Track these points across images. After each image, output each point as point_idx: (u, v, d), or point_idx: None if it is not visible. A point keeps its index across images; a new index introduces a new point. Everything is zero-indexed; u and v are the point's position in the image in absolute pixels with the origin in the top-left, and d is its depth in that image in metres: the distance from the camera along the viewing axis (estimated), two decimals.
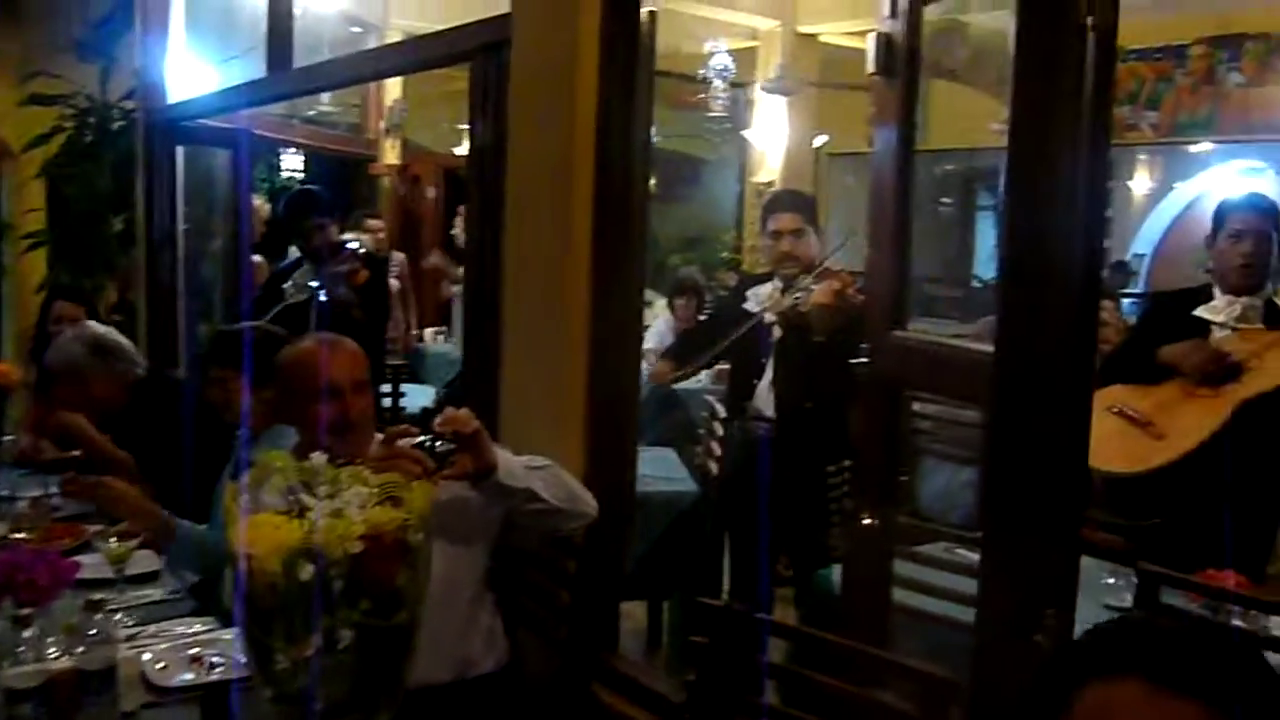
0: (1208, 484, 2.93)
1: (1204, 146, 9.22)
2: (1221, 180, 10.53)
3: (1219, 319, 3.17)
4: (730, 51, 7.63)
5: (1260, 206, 3.23)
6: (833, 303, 3.31)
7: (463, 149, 10.42)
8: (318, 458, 1.41)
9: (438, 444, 1.89)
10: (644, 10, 2.41)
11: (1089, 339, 1.67)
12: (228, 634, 2.07)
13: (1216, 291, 3.22)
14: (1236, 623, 2.53)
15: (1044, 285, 1.58)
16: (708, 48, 7.37)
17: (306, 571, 1.28)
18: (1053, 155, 1.56)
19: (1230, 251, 3.16)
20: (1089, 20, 1.54)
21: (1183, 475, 2.95)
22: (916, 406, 4.18)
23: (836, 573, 2.95)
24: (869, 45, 2.07)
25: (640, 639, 3.94)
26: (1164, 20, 8.01)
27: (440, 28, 3.52)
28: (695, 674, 2.09)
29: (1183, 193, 10.92)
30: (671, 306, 6.33)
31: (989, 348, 1.74)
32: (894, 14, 2.02)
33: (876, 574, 2.42)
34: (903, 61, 2.05)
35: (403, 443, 1.90)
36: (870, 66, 2.08)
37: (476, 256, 2.90)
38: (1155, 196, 10.99)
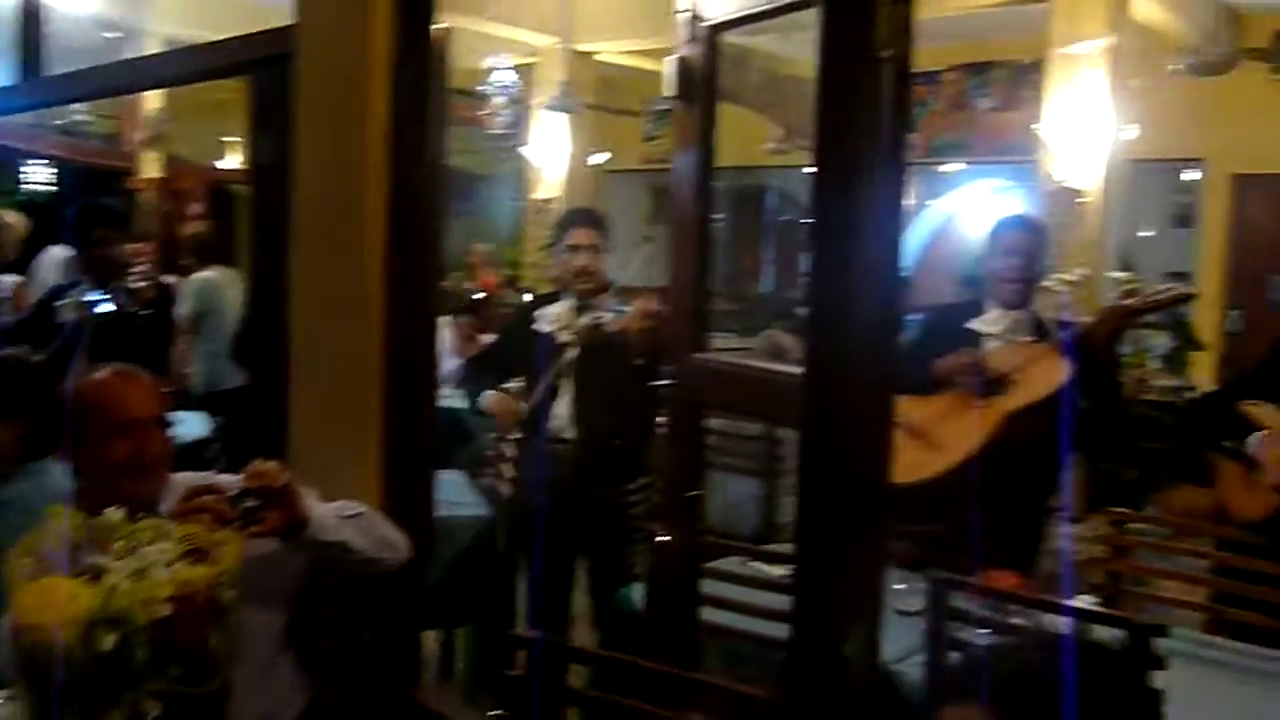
0: (981, 490, 3.09)
1: (956, 167, 9.79)
2: (973, 199, 11.23)
3: (991, 331, 3.36)
4: (511, 67, 7.61)
5: (1029, 226, 3.46)
6: (647, 323, 3.30)
7: (228, 162, 10.05)
8: (111, 513, 1.28)
9: (245, 501, 1.73)
10: (437, 27, 2.35)
11: (887, 354, 1.72)
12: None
13: (989, 306, 3.42)
14: (1017, 621, 2.67)
15: (849, 306, 1.62)
16: (489, 63, 7.32)
17: (108, 641, 1.16)
18: (855, 182, 1.61)
19: (1003, 267, 3.36)
20: (886, 52, 1.59)
21: (959, 482, 3.09)
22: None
23: (637, 592, 2.97)
24: (666, 70, 2.08)
25: (432, 670, 3.85)
26: (920, 48, 8.44)
27: (204, 36, 3.36)
28: (497, 705, 2.05)
29: (938, 211, 11.57)
30: (453, 325, 6.25)
31: (793, 369, 1.77)
32: (693, 40, 2.05)
33: (679, 592, 2.43)
34: (701, 87, 2.07)
35: (206, 499, 1.73)
36: (668, 91, 2.09)
37: (259, 277, 2.77)
38: (912, 214, 11.60)
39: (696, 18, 2.06)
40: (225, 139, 9.91)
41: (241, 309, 5.14)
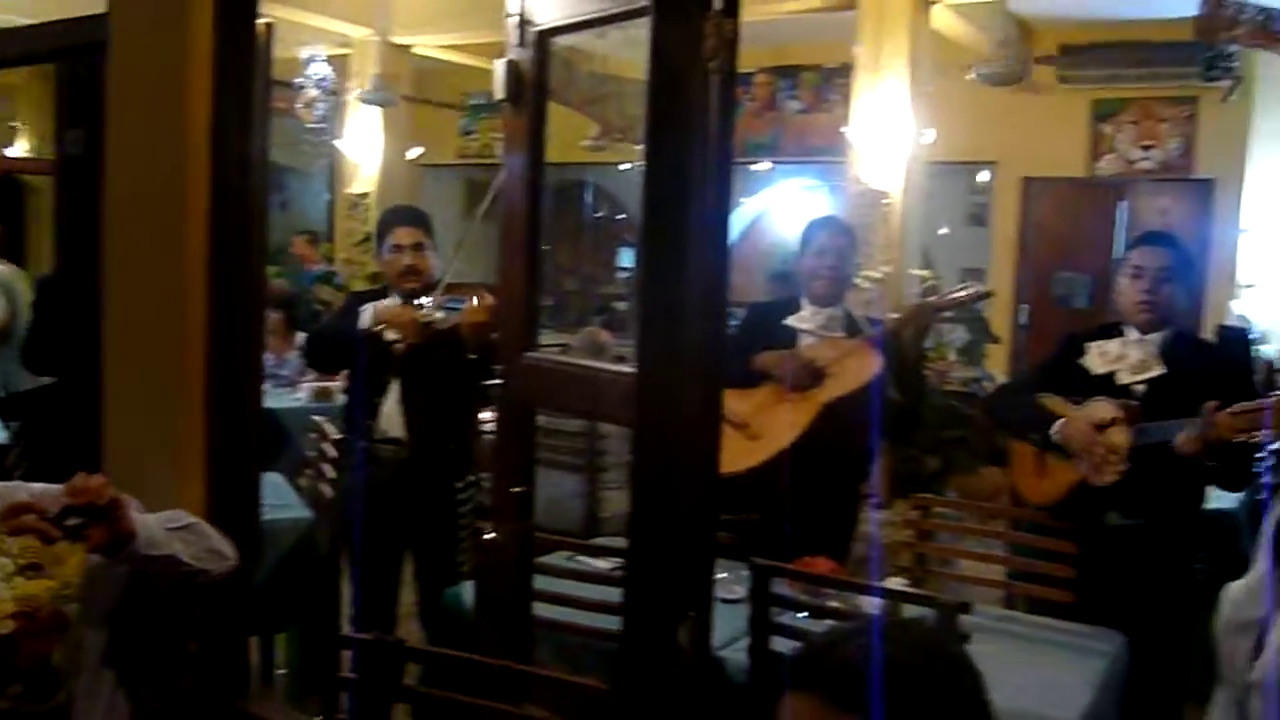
0: (798, 478, 3.23)
1: (766, 166, 10.08)
2: (782, 197, 11.58)
3: (807, 327, 3.51)
4: (326, 58, 7.45)
5: (841, 228, 3.63)
6: (485, 319, 3.28)
7: (16, 150, 9.48)
8: None
9: (68, 518, 1.64)
10: (259, 21, 2.31)
11: (716, 351, 1.78)
12: None
13: (804, 303, 3.56)
14: (833, 604, 2.81)
15: (680, 307, 1.68)
16: (303, 54, 7.15)
17: None
18: (684, 187, 1.67)
19: (816, 266, 3.51)
20: (712, 65, 1.66)
21: (777, 472, 3.23)
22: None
23: (466, 590, 2.98)
24: (496, 73, 2.11)
25: (254, 675, 3.76)
26: None
27: (11, 21, 3.20)
28: (323, 708, 2.04)
29: (749, 208, 11.89)
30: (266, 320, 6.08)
31: (618, 367, 1.82)
32: (523, 44, 2.07)
33: (509, 588, 2.46)
34: (530, 89, 2.10)
35: (28, 519, 1.63)
36: (498, 93, 2.11)
37: (67, 274, 2.66)
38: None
39: (526, 22, 2.08)
40: (13, 125, 9.37)
41: (31, 309, 4.85)
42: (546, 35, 2.08)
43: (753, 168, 10.30)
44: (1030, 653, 2.80)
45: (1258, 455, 2.86)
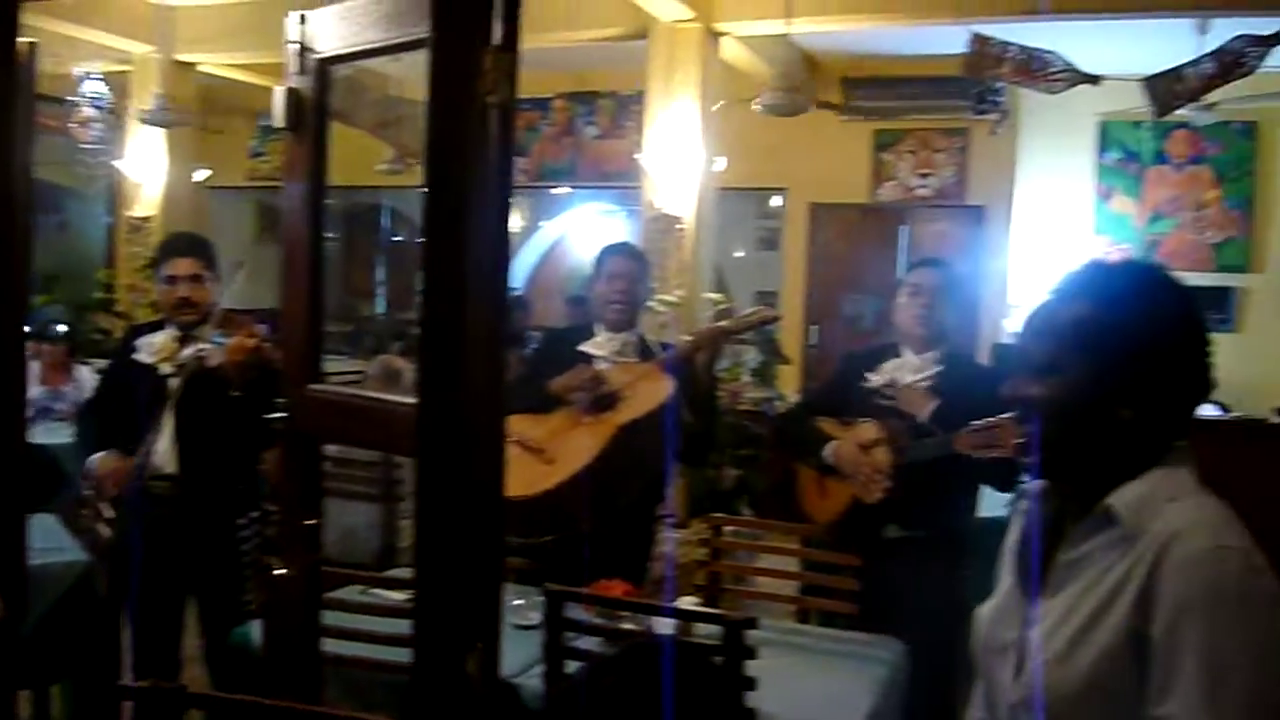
0: (594, 502, 3.27)
1: (565, 190, 10.17)
2: (581, 220, 11.70)
3: (601, 353, 3.55)
4: (103, 76, 7.11)
5: (634, 253, 3.69)
6: (245, 359, 3.20)
7: None
8: None
9: None
10: (21, 40, 2.20)
11: (498, 379, 1.79)
12: None
13: (599, 328, 3.61)
14: (627, 626, 2.85)
15: (460, 336, 1.68)
16: (77, 72, 6.81)
17: None
18: (462, 217, 1.68)
19: (608, 292, 3.56)
20: (491, 98, 1.68)
21: (573, 496, 3.24)
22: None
23: (255, 629, 2.89)
24: (275, 101, 2.06)
25: None
26: (530, 75, 8.72)
27: None
28: None
29: (549, 232, 11.96)
30: (37, 353, 5.76)
31: (408, 399, 1.81)
32: (303, 71, 2.04)
33: (299, 625, 2.40)
34: (311, 117, 2.07)
35: None
36: (278, 121, 2.07)
37: None
38: (525, 235, 11.92)
39: (306, 49, 2.05)
40: None
41: None
42: (327, 63, 2.06)
43: (552, 192, 10.38)
44: (817, 664, 2.91)
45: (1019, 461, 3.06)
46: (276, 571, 2.39)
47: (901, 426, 3.27)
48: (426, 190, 1.68)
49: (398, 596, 2.91)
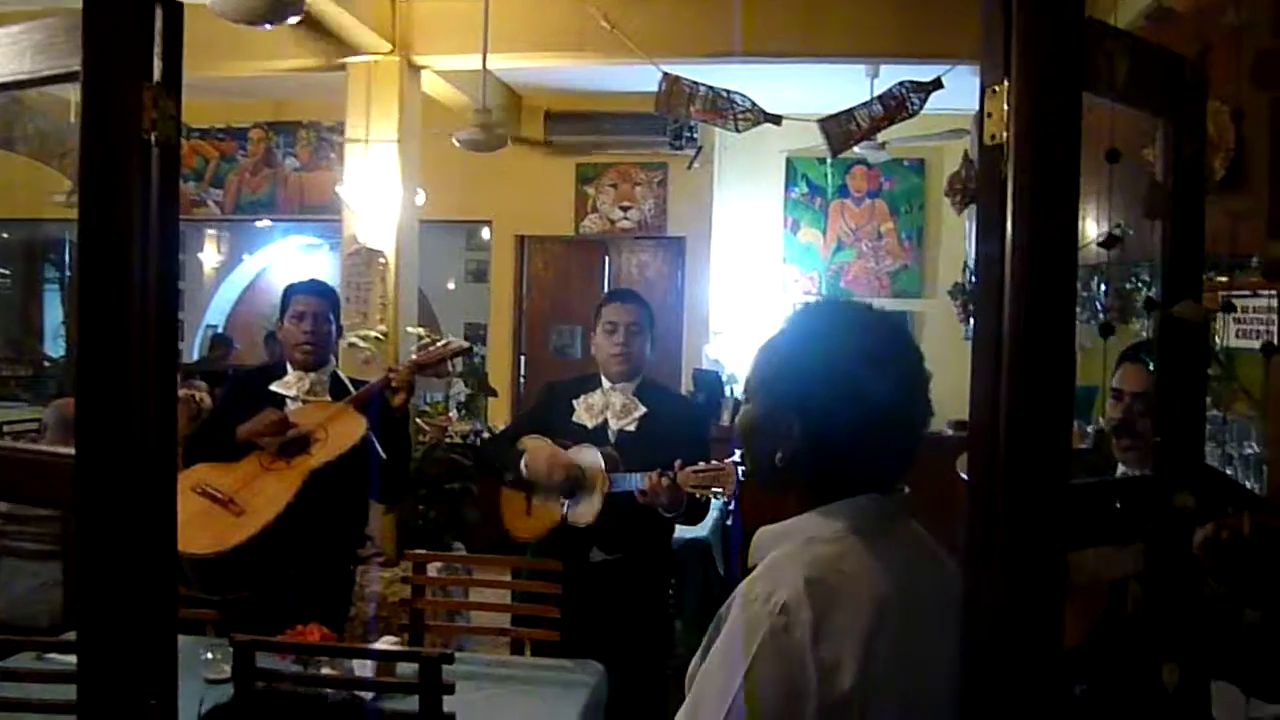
0: (290, 548, 3.17)
1: (267, 223, 9.83)
2: (284, 254, 11.36)
3: (291, 393, 3.46)
4: None
5: (321, 290, 3.59)
6: None
7: None
8: None
9: None
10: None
11: (169, 424, 1.73)
12: None
13: (289, 367, 3.51)
14: (326, 670, 2.79)
15: (123, 382, 1.62)
16: None
17: None
18: (122, 261, 1.61)
19: (295, 331, 3.47)
20: (152, 136, 1.63)
21: (265, 548, 3.11)
22: None
23: None
24: None
25: None
26: (227, 103, 8.43)
27: None
28: None
29: (251, 265, 11.54)
30: None
31: (67, 450, 1.72)
32: None
33: None
34: None
35: None
36: None
37: None
38: (225, 269, 11.45)
39: None
40: None
41: None
42: None
43: (255, 224, 10.02)
44: (520, 693, 2.94)
45: (714, 499, 3.23)
46: None
47: (615, 456, 3.36)
48: (80, 231, 1.61)
49: (74, 660, 2.73)
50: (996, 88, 1.44)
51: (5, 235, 10.59)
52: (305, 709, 1.29)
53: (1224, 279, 3.07)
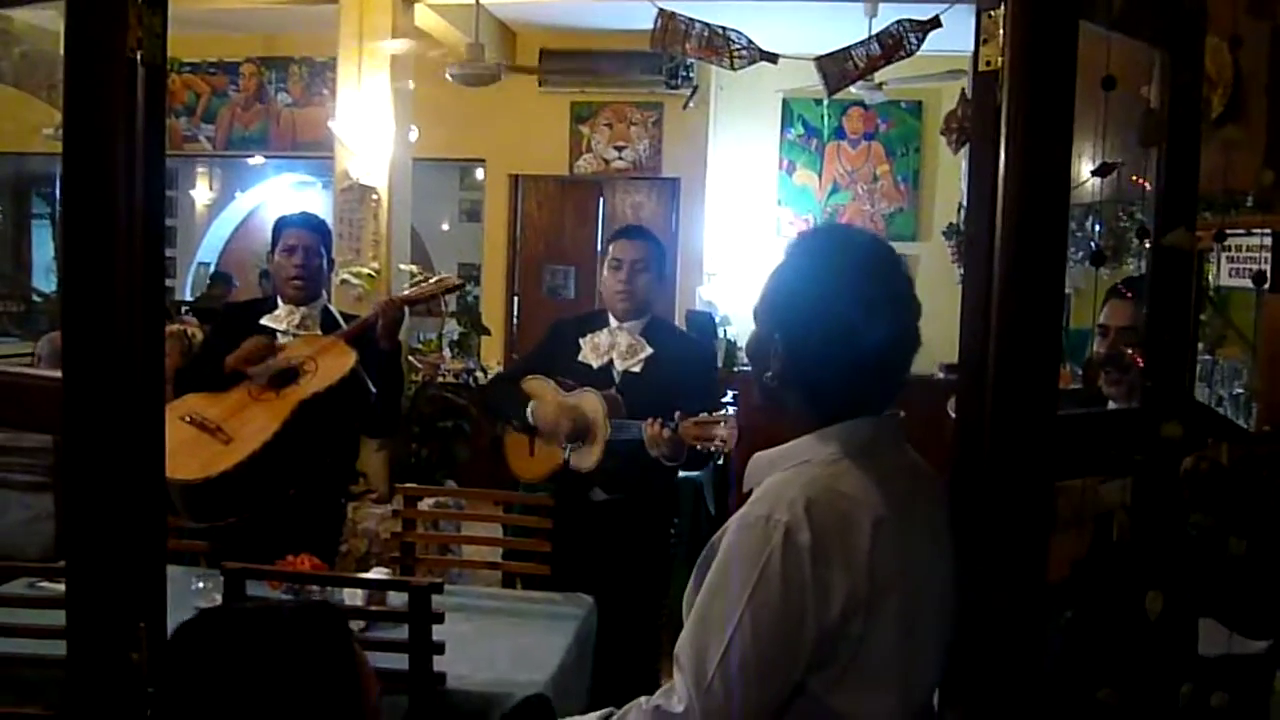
0: (278, 479, 3.18)
1: (259, 160, 9.75)
2: (277, 191, 11.28)
3: (281, 327, 3.45)
4: None
5: (312, 224, 3.56)
6: None
7: None
8: None
9: None
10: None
11: (156, 350, 1.73)
12: None
13: (279, 301, 3.50)
14: (316, 600, 2.81)
15: (108, 309, 1.61)
16: None
17: None
18: (108, 185, 1.60)
19: (285, 264, 3.46)
20: (138, 55, 1.61)
21: (251, 475, 3.12)
22: None
23: None
24: None
25: None
26: (218, 37, 8.32)
27: None
28: None
29: (243, 203, 11.46)
30: None
31: (54, 372, 1.72)
32: None
33: None
34: None
35: None
36: None
37: None
38: (218, 206, 11.38)
39: None
40: None
41: None
42: None
43: (247, 161, 9.93)
44: (508, 625, 2.97)
45: (712, 450, 3.22)
46: None
47: (617, 399, 3.35)
48: (64, 153, 1.59)
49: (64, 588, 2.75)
50: (993, 12, 1.43)
51: None
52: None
53: (1218, 218, 3.05)
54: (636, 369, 3.45)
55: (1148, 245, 1.57)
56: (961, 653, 1.54)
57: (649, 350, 3.45)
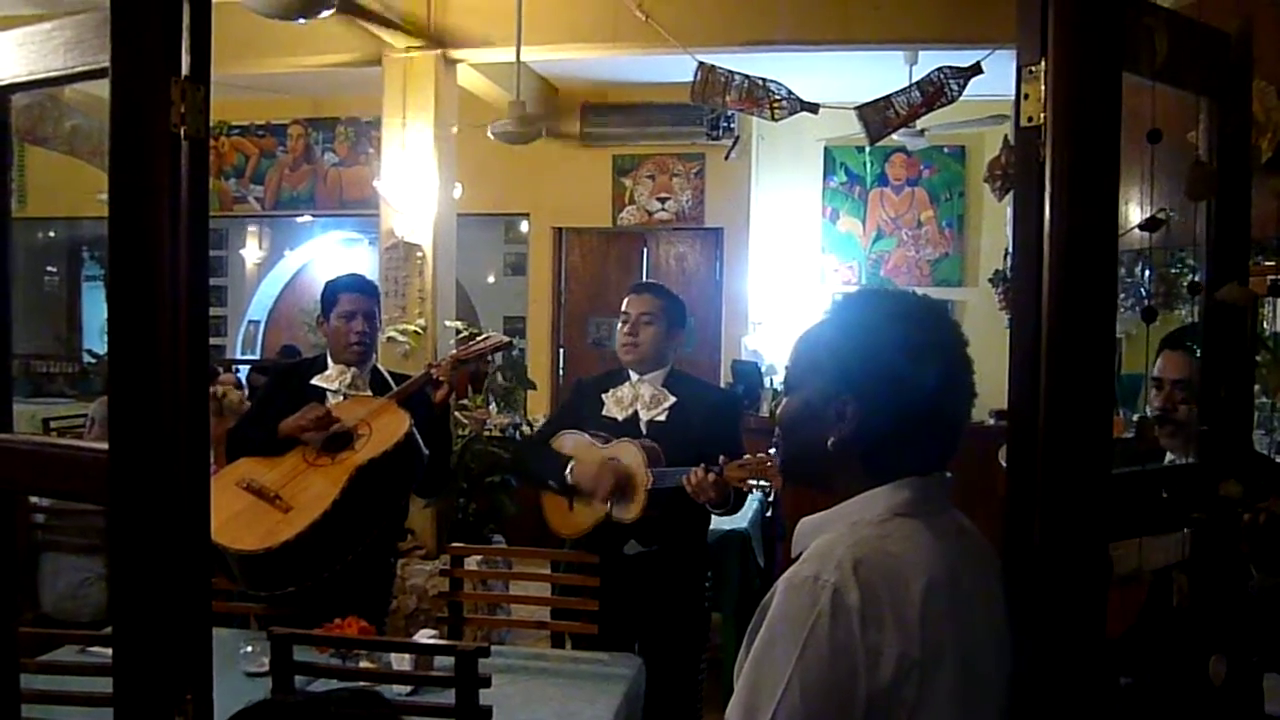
0: (334, 544, 3.16)
1: (307, 218, 9.90)
2: (325, 249, 11.43)
3: (333, 387, 3.46)
4: None
5: (367, 289, 3.57)
6: None
7: None
8: None
9: None
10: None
11: (201, 418, 1.73)
12: None
13: (329, 361, 3.52)
14: (364, 664, 2.80)
15: (153, 378, 1.62)
16: None
17: None
18: (154, 256, 1.61)
19: (345, 330, 3.47)
20: (180, 130, 1.62)
21: (312, 545, 3.09)
22: (33, 499, 3.92)
23: None
24: None
25: None
26: (266, 100, 8.49)
27: None
28: None
29: (292, 260, 11.62)
30: None
31: (100, 445, 1.73)
32: None
33: None
34: None
35: None
36: None
37: None
38: (267, 264, 11.54)
39: None
40: None
41: None
42: (4, 91, 1.94)
43: (295, 220, 10.09)
44: (557, 687, 2.93)
45: (754, 490, 3.20)
46: None
47: (655, 448, 3.34)
48: (110, 225, 1.61)
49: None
50: (1033, 68, 1.41)
51: (52, 234, 10.73)
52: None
53: (1271, 263, 3.01)
54: (662, 418, 3.45)
55: (1199, 299, 1.53)
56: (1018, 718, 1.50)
57: (672, 399, 3.46)
